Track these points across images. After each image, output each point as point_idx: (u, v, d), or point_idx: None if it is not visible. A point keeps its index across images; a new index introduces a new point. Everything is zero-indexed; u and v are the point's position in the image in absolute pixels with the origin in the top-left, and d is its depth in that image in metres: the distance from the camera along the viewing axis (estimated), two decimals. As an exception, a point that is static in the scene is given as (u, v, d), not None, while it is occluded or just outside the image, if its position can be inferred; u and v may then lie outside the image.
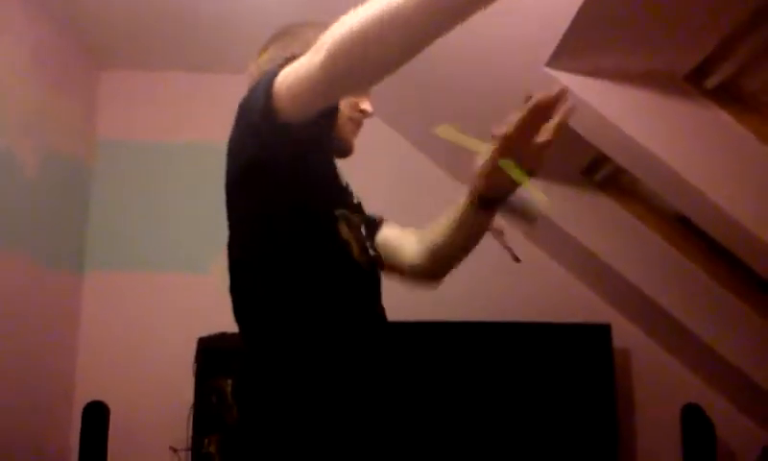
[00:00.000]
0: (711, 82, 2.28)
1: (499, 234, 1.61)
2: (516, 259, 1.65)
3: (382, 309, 1.50)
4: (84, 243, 3.58)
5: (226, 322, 3.21)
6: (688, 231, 3.02)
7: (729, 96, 2.32)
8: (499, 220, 1.55)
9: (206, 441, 3.08)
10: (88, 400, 3.24)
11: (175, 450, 3.29)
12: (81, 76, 3.60)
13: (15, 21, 2.97)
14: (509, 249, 1.63)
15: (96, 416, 3.20)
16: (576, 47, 2.20)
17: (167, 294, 3.54)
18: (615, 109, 2.34)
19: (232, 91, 3.84)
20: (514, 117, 1.34)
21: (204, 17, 3.24)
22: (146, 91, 3.74)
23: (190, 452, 3.14)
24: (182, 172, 3.68)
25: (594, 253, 3.20)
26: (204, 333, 3.18)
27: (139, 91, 3.74)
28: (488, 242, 1.47)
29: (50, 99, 3.26)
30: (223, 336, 3.14)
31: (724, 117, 2.33)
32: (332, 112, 1.39)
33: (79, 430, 3.16)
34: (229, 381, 3.08)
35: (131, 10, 3.20)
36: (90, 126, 3.67)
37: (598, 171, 3.06)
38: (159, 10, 3.20)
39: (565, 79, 2.30)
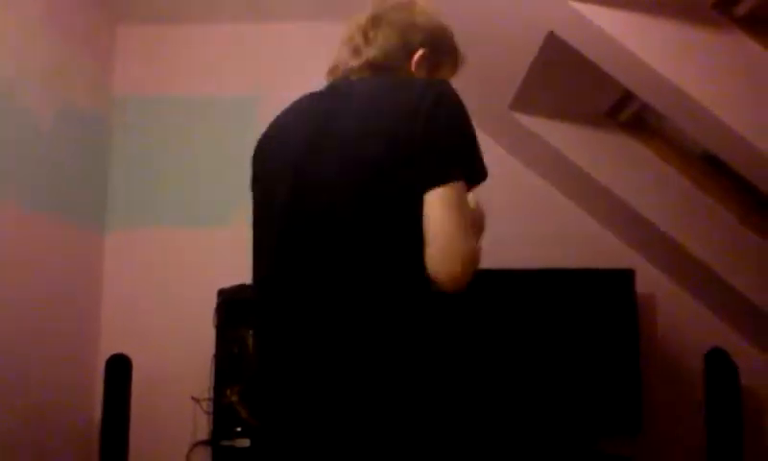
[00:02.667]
0: (740, 9, 2.20)
1: None
2: None
3: None
4: (104, 199, 3.56)
5: (245, 274, 3.22)
6: (715, 171, 2.95)
7: (759, 24, 2.24)
8: None
9: (228, 391, 3.08)
10: (112, 353, 3.26)
11: (197, 400, 3.30)
12: (97, 30, 3.55)
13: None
14: None
15: (119, 368, 3.21)
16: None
17: (187, 247, 3.53)
18: (641, 43, 2.26)
19: (248, 43, 3.84)
20: None
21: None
22: (163, 45, 3.68)
23: (212, 402, 3.14)
24: (200, 126, 3.63)
25: (618, 196, 3.13)
26: (225, 285, 3.17)
27: (156, 45, 3.69)
28: (509, 192, 1.44)
29: (66, 53, 3.22)
30: (242, 288, 3.13)
31: (753, 47, 2.25)
32: None
33: (103, 383, 3.19)
34: (250, 332, 3.09)
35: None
36: (107, 80, 3.62)
37: (622, 111, 2.99)
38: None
39: (590, 11, 2.23)
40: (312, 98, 1.65)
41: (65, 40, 3.21)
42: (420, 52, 1.65)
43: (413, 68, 1.64)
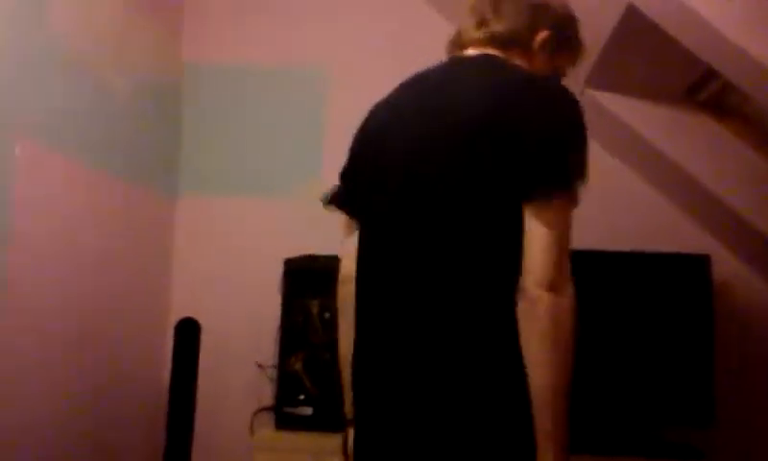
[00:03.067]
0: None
1: None
2: None
3: None
4: (177, 166, 3.64)
5: (310, 244, 3.27)
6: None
7: None
8: None
9: (292, 359, 3.12)
10: (181, 316, 3.33)
11: (262, 367, 3.35)
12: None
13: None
14: None
15: (188, 332, 3.28)
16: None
17: (254, 216, 3.57)
18: (724, 17, 2.16)
19: (317, 15, 3.84)
20: None
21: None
22: (231, 14, 3.72)
23: (276, 369, 3.19)
24: (267, 96, 3.66)
25: (695, 177, 3.02)
26: (290, 255, 3.20)
27: (223, 14, 3.72)
28: (590, 171, 1.40)
29: (135, 22, 3.26)
30: (308, 258, 3.16)
31: None
32: None
33: (172, 345, 3.27)
34: (315, 301, 3.12)
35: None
36: (178, 48, 3.68)
37: (703, 90, 2.87)
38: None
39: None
40: (423, 82, 1.62)
41: (136, 7, 3.26)
42: (545, 33, 1.62)
43: (535, 47, 1.62)
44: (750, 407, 3.28)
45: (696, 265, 3.20)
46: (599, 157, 3.45)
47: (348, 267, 1.67)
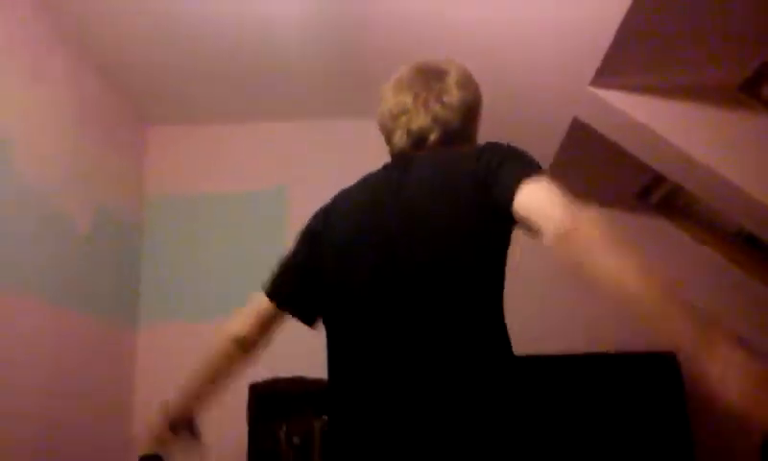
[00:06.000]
0: (767, 89, 2.17)
1: None
2: None
3: None
4: (137, 296, 3.60)
5: (277, 367, 3.20)
6: (753, 249, 2.87)
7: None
8: None
9: (263, 488, 3.02)
10: (144, 452, 3.22)
11: (231, 500, 3.24)
12: (128, 131, 3.65)
13: (61, 76, 3.02)
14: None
15: (152, 467, 3.17)
16: (620, 64, 2.12)
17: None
18: (668, 125, 2.24)
19: (272, 139, 3.89)
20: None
21: (244, 68, 3.26)
22: (192, 144, 3.77)
23: (247, 501, 3.08)
24: (228, 222, 3.68)
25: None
26: (255, 380, 3.14)
27: (185, 145, 3.78)
28: (552, 276, 1.39)
29: (98, 154, 3.29)
30: (275, 381, 3.10)
31: (783, 126, 2.22)
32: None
33: (136, 482, 3.15)
34: (283, 426, 3.04)
35: (175, 64, 3.23)
36: (139, 181, 3.71)
37: (654, 193, 2.95)
38: (202, 63, 3.23)
39: (612, 96, 2.22)
40: (377, 177, 1.62)
41: (98, 143, 3.29)
42: (479, 113, 1.67)
43: (474, 135, 1.67)
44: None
45: (663, 362, 3.19)
46: (560, 264, 3.50)
47: (234, 325, 1.69)
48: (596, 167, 2.80)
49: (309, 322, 1.66)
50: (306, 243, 1.67)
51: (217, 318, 3.54)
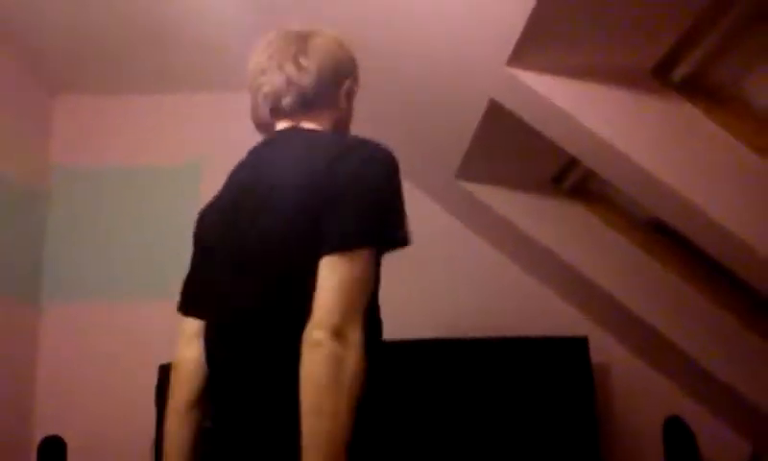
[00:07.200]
0: (678, 74, 2.21)
1: None
2: None
3: None
4: (40, 271, 3.45)
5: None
6: (664, 238, 2.94)
7: (697, 89, 2.25)
8: None
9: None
10: (46, 434, 3.10)
11: (136, 486, 3.14)
12: (33, 100, 3.51)
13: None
14: None
15: (53, 451, 3.06)
16: (536, 44, 2.12)
17: (126, 322, 3.41)
18: (581, 107, 2.26)
19: (186, 112, 3.81)
20: None
21: (159, 37, 3.17)
22: (99, 115, 3.64)
23: (153, 486, 2.99)
24: (138, 196, 3.58)
25: (567, 263, 3.11)
26: (166, 361, 3.05)
27: (92, 115, 3.64)
28: (460, 260, 1.38)
29: (2, 123, 3.15)
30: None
31: (693, 111, 2.26)
32: None
33: (35, 467, 3.03)
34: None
35: (84, 33, 3.12)
36: (45, 151, 3.56)
37: (567, 178, 2.98)
38: (114, 30, 3.12)
39: (528, 77, 2.22)
40: (240, 167, 1.62)
41: (3, 110, 3.14)
42: (347, 83, 1.62)
43: (341, 103, 1.62)
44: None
45: (575, 347, 3.25)
46: (476, 245, 3.53)
47: (182, 352, 1.63)
48: (512, 150, 2.82)
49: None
50: (195, 245, 1.69)
51: (124, 298, 3.45)
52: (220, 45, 3.19)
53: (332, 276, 1.34)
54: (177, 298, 1.65)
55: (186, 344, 1.61)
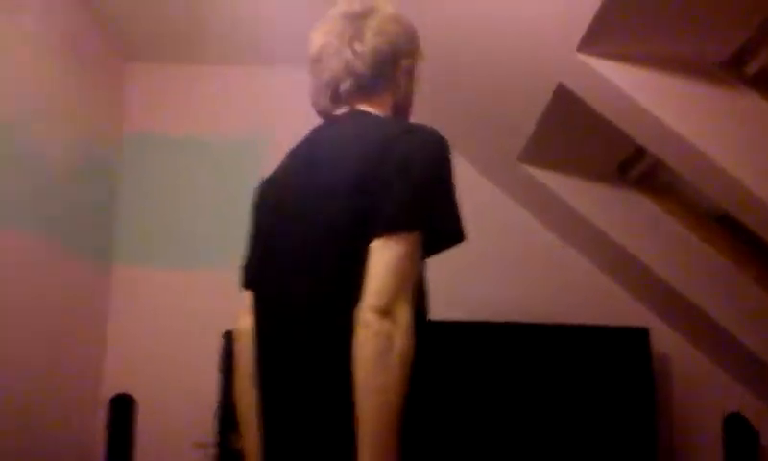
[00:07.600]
0: (751, 68, 2.17)
1: None
2: None
3: None
4: (112, 236, 3.59)
5: (251, 316, 3.19)
6: (729, 231, 2.89)
7: (769, 83, 2.21)
8: None
9: (233, 436, 3.04)
10: (115, 392, 3.24)
11: (201, 446, 3.26)
12: (109, 67, 3.61)
13: (40, 7, 2.95)
14: None
15: (123, 409, 3.20)
16: (607, 31, 2.11)
17: (193, 289, 3.52)
18: (650, 96, 2.24)
19: (257, 84, 3.86)
20: None
21: (231, 10, 3.23)
22: (173, 84, 3.73)
23: (217, 447, 3.10)
24: (206, 167, 3.67)
25: (631, 253, 3.08)
26: (230, 328, 3.15)
27: (166, 84, 3.74)
28: (521, 245, 1.39)
29: (76, 89, 3.25)
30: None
31: (764, 106, 2.22)
32: None
33: (105, 423, 3.17)
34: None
35: (158, 1, 3.19)
36: (117, 118, 3.67)
37: (634, 167, 2.95)
38: (189, 2, 3.19)
39: (598, 64, 2.22)
40: (299, 146, 1.65)
41: (77, 77, 3.25)
42: (405, 63, 1.61)
43: (401, 83, 1.62)
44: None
45: (635, 338, 3.24)
46: (537, 230, 3.53)
47: (241, 322, 1.67)
48: (578, 136, 2.81)
49: None
50: (253, 217, 1.71)
51: (190, 265, 3.56)
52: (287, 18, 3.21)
53: (382, 257, 1.37)
54: (239, 268, 1.70)
55: (246, 314, 1.67)
